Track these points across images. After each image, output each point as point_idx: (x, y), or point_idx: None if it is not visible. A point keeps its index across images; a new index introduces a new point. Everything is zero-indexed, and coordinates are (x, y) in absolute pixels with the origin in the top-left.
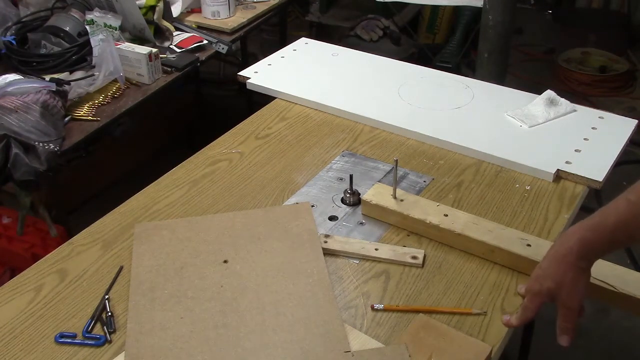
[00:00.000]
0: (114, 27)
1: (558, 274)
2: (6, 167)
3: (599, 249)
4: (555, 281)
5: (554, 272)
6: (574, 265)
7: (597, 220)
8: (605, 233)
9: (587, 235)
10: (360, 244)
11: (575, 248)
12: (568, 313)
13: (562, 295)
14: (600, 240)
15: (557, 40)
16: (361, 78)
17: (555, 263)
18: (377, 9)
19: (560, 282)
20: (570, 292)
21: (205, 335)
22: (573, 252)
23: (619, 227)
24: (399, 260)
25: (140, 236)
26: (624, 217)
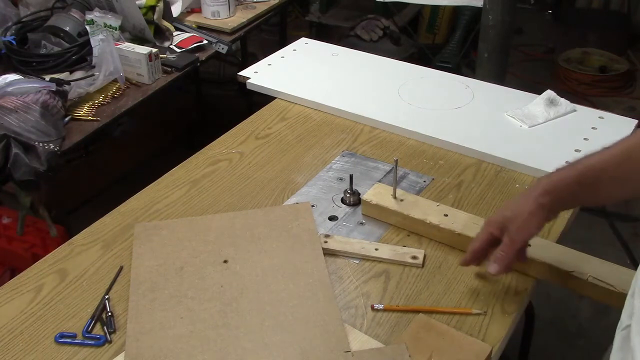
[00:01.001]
0: (114, 27)
1: (519, 204)
2: (6, 167)
3: (565, 189)
4: (513, 210)
5: (516, 202)
6: (535, 199)
7: (568, 165)
8: (572, 171)
9: (554, 174)
10: (360, 243)
11: (541, 183)
12: (510, 245)
13: (513, 226)
14: (566, 177)
15: (557, 40)
16: (361, 78)
17: (519, 197)
18: (377, 9)
19: (517, 212)
20: (522, 225)
21: (205, 335)
22: (538, 186)
23: (588, 168)
24: (399, 260)
25: (140, 236)
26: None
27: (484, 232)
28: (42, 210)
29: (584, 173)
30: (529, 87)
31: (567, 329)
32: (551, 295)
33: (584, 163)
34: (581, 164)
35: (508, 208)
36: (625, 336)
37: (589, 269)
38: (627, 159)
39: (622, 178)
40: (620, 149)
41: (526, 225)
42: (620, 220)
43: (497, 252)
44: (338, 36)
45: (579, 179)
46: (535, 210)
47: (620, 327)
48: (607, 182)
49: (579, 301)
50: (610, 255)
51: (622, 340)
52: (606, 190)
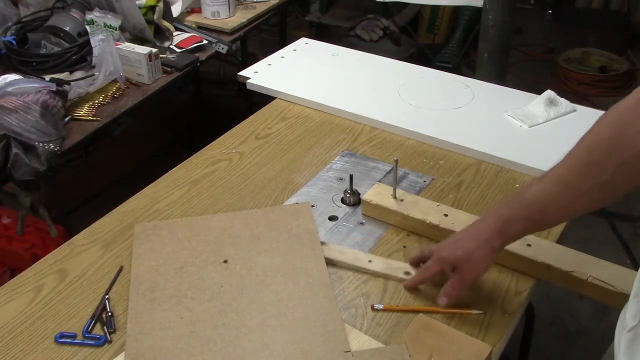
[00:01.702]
0: (114, 27)
1: (470, 246)
2: (6, 167)
3: (515, 226)
4: (465, 252)
5: (467, 244)
6: (488, 242)
7: (513, 199)
8: (520, 209)
9: (503, 211)
10: (354, 254)
11: (492, 224)
12: (460, 283)
13: (464, 268)
14: (515, 215)
15: (557, 40)
16: (361, 78)
17: (470, 236)
18: (377, 9)
19: (469, 255)
20: (473, 267)
21: (205, 335)
22: (490, 227)
23: (533, 202)
24: (392, 274)
25: (140, 236)
26: (536, 193)
27: (435, 267)
28: (42, 210)
29: (530, 210)
30: (529, 87)
31: (567, 329)
32: (551, 295)
33: (528, 199)
34: (524, 200)
35: (460, 247)
36: (631, 338)
37: (589, 269)
38: (562, 189)
39: (564, 205)
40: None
41: (477, 267)
42: (620, 220)
43: (447, 288)
44: (338, 36)
45: (527, 217)
46: (487, 254)
47: (625, 328)
48: (553, 212)
49: (579, 301)
50: (610, 255)
51: (629, 342)
52: (554, 219)
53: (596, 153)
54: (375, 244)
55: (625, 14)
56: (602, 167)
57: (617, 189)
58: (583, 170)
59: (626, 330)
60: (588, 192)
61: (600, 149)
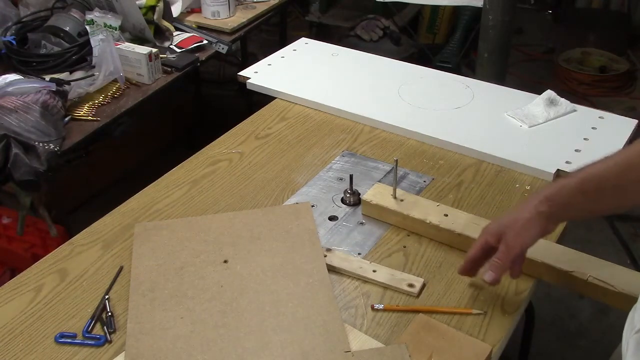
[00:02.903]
0: (114, 27)
1: (516, 211)
2: (6, 167)
3: (566, 197)
4: (511, 218)
5: (514, 211)
6: (535, 207)
7: (570, 174)
8: (576, 179)
9: (555, 182)
10: (359, 263)
11: (543, 191)
12: (506, 252)
13: (510, 233)
14: (569, 185)
15: (557, 40)
16: (361, 78)
17: (519, 205)
18: (377, 9)
19: (515, 220)
20: (519, 232)
21: (205, 335)
22: (539, 194)
23: (591, 176)
24: (395, 286)
25: (140, 236)
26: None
27: (480, 240)
28: (42, 210)
29: (586, 181)
30: (529, 87)
31: (567, 329)
32: (551, 295)
33: (586, 172)
34: (583, 172)
35: (506, 216)
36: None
37: (589, 269)
38: (628, 168)
39: (623, 187)
40: (622, 158)
41: (523, 232)
42: (620, 220)
43: (493, 260)
44: (338, 36)
45: (580, 188)
46: (534, 218)
47: (634, 330)
48: (608, 191)
49: (579, 301)
50: (610, 255)
51: (638, 344)
52: (607, 200)
53: None
54: (375, 244)
55: (625, 14)
56: None
57: None
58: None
59: (635, 331)
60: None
61: None
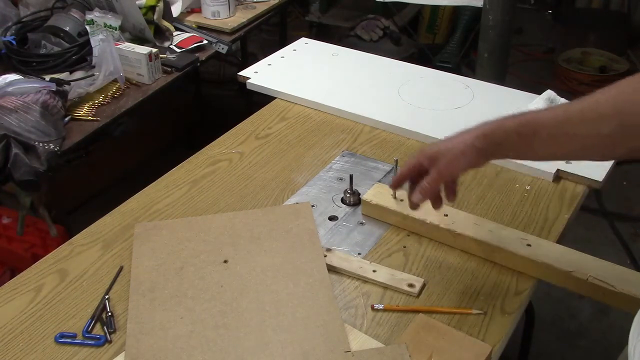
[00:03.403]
0: (114, 27)
1: (452, 142)
2: (6, 167)
3: (503, 136)
4: (445, 146)
5: (450, 139)
6: (471, 140)
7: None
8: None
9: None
10: (360, 263)
11: (482, 126)
12: (436, 177)
13: (442, 160)
14: (508, 125)
15: (557, 40)
16: (361, 78)
17: (456, 135)
18: (377, 9)
19: (449, 148)
20: (451, 160)
21: (205, 335)
22: (478, 129)
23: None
24: (395, 286)
25: (140, 236)
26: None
27: (414, 160)
28: (42, 210)
29: (524, 125)
30: (529, 87)
31: (567, 329)
32: (551, 295)
33: (526, 116)
34: (523, 116)
35: (442, 142)
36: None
37: (589, 269)
38: (567, 120)
39: (558, 137)
40: (563, 110)
41: (455, 161)
42: (620, 220)
43: (423, 183)
44: (338, 36)
45: (518, 129)
46: (468, 150)
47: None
48: (544, 138)
49: (579, 301)
50: (610, 255)
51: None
52: (542, 147)
53: (603, 106)
54: (375, 244)
55: (625, 14)
56: (604, 120)
57: (612, 147)
58: (589, 115)
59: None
60: (584, 137)
61: (607, 104)
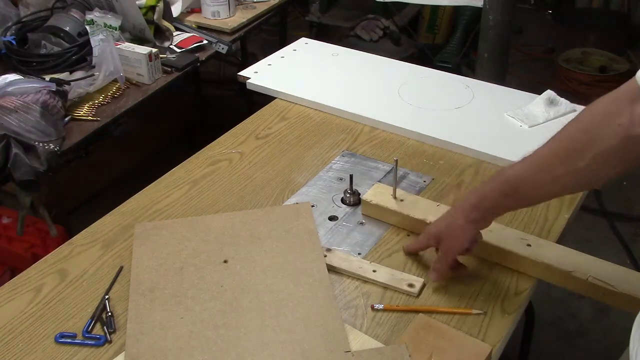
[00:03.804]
0: (114, 27)
1: (450, 218)
2: (6, 167)
3: (490, 201)
4: (446, 224)
5: (448, 217)
6: (466, 213)
7: (493, 176)
8: (496, 184)
9: (481, 187)
10: (360, 263)
11: (470, 198)
12: (443, 256)
13: (446, 239)
14: (491, 190)
15: (557, 40)
16: (361, 78)
17: (452, 211)
18: (377, 9)
19: (449, 226)
20: (454, 237)
21: (205, 335)
22: (467, 201)
23: (509, 179)
24: (395, 286)
25: (140, 236)
26: (514, 172)
27: (423, 242)
28: (42, 210)
29: (506, 186)
30: (529, 87)
31: (567, 329)
32: (551, 295)
33: (506, 174)
34: (503, 176)
35: (442, 221)
36: None
37: (589, 269)
38: (539, 170)
39: (539, 186)
40: (534, 159)
41: (457, 238)
42: (620, 220)
43: (435, 265)
44: (338, 36)
45: (502, 192)
46: (465, 225)
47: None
48: (527, 190)
49: (579, 301)
50: (610, 255)
51: None
52: (528, 198)
53: (577, 140)
54: (375, 244)
55: (625, 14)
56: (579, 154)
57: (590, 177)
58: (562, 155)
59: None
60: (563, 177)
61: (581, 136)
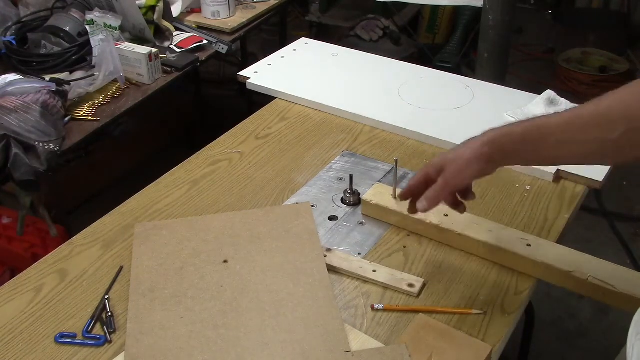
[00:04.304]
0: (114, 27)
1: (459, 150)
2: (6, 167)
3: (510, 141)
4: (454, 154)
5: (458, 148)
6: (478, 147)
7: (517, 121)
8: (521, 124)
9: (501, 127)
10: (360, 263)
11: (489, 132)
12: (442, 186)
13: (450, 169)
14: (514, 129)
15: (557, 40)
16: (361, 78)
17: (464, 143)
18: (377, 9)
19: (457, 156)
20: (458, 168)
21: (205, 335)
22: (485, 135)
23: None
24: (395, 286)
25: (140, 236)
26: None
27: (422, 171)
28: (42, 210)
29: (530, 131)
30: (529, 87)
31: (567, 329)
32: (551, 295)
33: (532, 122)
34: (529, 122)
35: (450, 151)
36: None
37: (589, 269)
38: (571, 127)
39: (564, 142)
40: (569, 115)
41: (462, 170)
42: (620, 220)
43: (429, 191)
44: (338, 36)
45: (524, 136)
46: (474, 158)
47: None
48: (550, 143)
49: (579, 301)
50: (610, 255)
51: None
52: (548, 152)
53: (613, 110)
54: (375, 244)
55: (625, 14)
56: (613, 125)
57: (616, 152)
58: (597, 120)
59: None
60: (591, 143)
61: (618, 108)
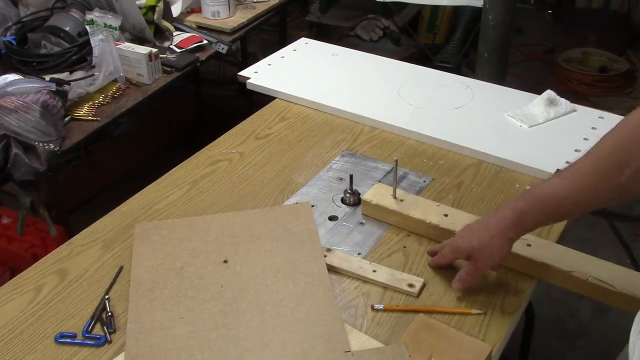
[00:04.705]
0: (114, 27)
1: (485, 237)
2: (6, 167)
3: (530, 219)
4: (481, 243)
5: (483, 234)
6: (504, 233)
7: (530, 192)
8: (536, 202)
9: (519, 204)
10: (360, 263)
11: (509, 215)
12: (475, 271)
13: (480, 257)
14: (531, 208)
15: (557, 40)
16: (361, 78)
17: (485, 227)
18: (377, 9)
19: (484, 245)
20: (489, 256)
21: (205, 335)
22: (506, 219)
23: (550, 197)
24: (395, 286)
25: (140, 236)
26: (553, 189)
27: (451, 255)
28: (42, 210)
29: (546, 204)
30: (529, 87)
31: (567, 329)
32: (551, 295)
33: (544, 193)
34: (541, 193)
35: (475, 238)
36: None
37: (589, 269)
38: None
39: (581, 202)
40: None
41: (492, 256)
42: (620, 220)
43: (462, 274)
44: (338, 36)
45: (543, 210)
46: (502, 244)
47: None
48: (569, 207)
49: (579, 301)
50: (610, 255)
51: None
52: (570, 213)
53: (617, 155)
54: (375, 244)
55: (625, 14)
56: (620, 170)
57: (631, 191)
58: (604, 170)
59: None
60: (605, 192)
61: (622, 151)
